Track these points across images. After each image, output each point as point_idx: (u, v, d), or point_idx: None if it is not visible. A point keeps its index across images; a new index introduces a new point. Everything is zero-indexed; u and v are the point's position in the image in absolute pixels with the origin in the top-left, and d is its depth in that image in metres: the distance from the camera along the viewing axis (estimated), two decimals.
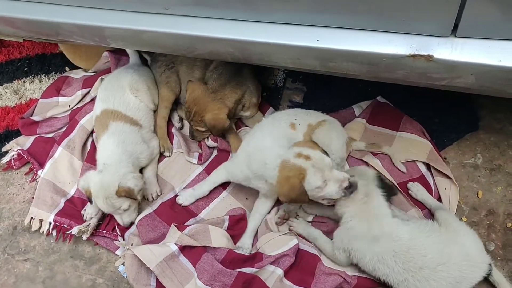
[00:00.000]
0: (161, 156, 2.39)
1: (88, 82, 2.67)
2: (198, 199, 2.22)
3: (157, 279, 1.94)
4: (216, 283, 1.88)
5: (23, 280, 2.16)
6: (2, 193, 2.44)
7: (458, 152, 2.24)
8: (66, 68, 2.87)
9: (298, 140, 1.99)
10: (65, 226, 2.22)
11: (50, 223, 2.24)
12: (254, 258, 1.95)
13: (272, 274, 1.93)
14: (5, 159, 2.50)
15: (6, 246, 2.26)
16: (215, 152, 2.39)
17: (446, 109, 2.34)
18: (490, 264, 1.77)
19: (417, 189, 2.10)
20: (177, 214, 2.18)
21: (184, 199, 2.21)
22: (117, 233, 2.16)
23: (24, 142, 2.55)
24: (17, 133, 2.63)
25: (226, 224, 2.11)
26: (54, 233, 2.23)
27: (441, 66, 1.40)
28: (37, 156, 2.48)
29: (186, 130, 2.47)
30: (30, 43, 2.96)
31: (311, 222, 2.11)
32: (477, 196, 2.12)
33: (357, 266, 1.89)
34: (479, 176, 2.17)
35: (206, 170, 2.32)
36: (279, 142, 1.95)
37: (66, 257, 2.19)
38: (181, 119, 2.52)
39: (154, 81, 2.50)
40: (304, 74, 2.59)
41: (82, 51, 2.76)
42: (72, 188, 2.34)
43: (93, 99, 2.55)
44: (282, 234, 2.03)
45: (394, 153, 2.20)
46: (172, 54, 2.38)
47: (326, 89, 2.53)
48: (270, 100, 2.55)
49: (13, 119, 2.70)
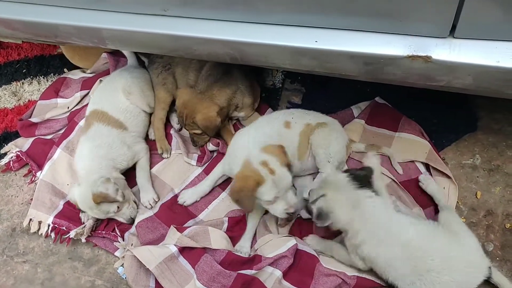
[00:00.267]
0: (160, 158, 2.38)
1: (87, 84, 2.67)
2: (197, 200, 2.22)
3: (156, 280, 1.94)
4: (215, 284, 1.88)
5: (22, 282, 2.15)
6: (1, 195, 2.44)
7: (457, 153, 2.25)
8: (65, 70, 2.87)
9: (290, 139, 2.03)
10: (64, 229, 2.21)
11: (49, 225, 2.24)
12: (253, 261, 1.95)
13: (271, 276, 1.92)
14: (4, 161, 2.50)
15: (5, 248, 2.26)
16: (215, 154, 2.38)
17: (445, 110, 2.34)
18: (490, 267, 1.77)
19: (428, 182, 2.08)
20: (177, 216, 2.18)
21: (187, 198, 2.21)
22: (117, 234, 2.16)
23: (23, 144, 2.55)
24: (16, 135, 2.63)
25: (226, 226, 2.11)
26: (53, 235, 2.23)
27: (439, 67, 1.40)
28: (36, 158, 2.48)
29: (186, 131, 2.46)
30: (29, 45, 2.96)
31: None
32: (476, 197, 2.12)
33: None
34: (478, 177, 2.17)
35: (205, 171, 2.32)
36: (265, 139, 1.96)
37: (65, 259, 2.19)
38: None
39: (150, 84, 2.49)
40: (303, 75, 2.59)
41: (81, 51, 2.76)
42: None
43: None
44: (281, 236, 2.02)
45: (393, 154, 2.20)
46: (169, 56, 2.38)
47: (325, 90, 2.53)
48: (269, 101, 2.55)
49: (12, 121, 2.70)
